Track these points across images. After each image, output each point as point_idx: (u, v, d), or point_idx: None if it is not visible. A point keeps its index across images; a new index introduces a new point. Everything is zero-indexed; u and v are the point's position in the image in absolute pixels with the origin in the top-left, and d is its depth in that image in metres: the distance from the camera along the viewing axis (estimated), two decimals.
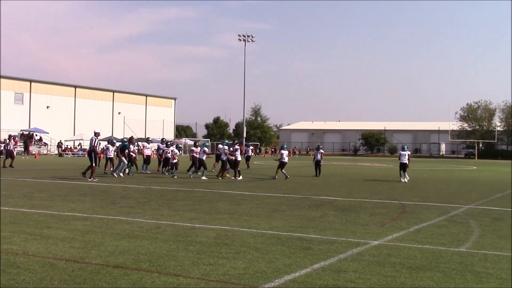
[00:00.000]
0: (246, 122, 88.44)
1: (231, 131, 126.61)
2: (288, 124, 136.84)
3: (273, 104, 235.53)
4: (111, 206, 12.49)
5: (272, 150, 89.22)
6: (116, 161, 24.85)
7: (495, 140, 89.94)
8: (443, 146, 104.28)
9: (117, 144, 25.70)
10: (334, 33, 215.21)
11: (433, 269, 6.68)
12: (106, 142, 26.31)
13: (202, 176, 23.09)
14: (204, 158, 23.64)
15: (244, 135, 76.34)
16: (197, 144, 28.79)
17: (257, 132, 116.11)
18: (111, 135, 67.00)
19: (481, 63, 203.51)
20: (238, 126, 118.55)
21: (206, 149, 23.94)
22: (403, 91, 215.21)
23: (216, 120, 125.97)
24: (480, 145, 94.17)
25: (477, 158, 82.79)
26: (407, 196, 16.70)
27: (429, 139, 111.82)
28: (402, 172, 23.76)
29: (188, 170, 24.62)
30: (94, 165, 21.25)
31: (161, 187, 18.40)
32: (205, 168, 23.57)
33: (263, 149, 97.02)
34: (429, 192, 18.44)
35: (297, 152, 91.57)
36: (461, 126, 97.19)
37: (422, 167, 42.13)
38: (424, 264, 6.95)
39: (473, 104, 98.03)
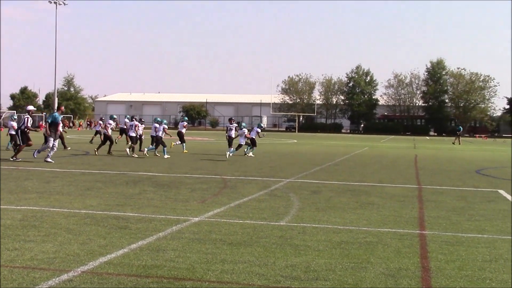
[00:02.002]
0: (57, 92, 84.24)
1: (40, 102, 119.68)
2: (104, 96, 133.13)
3: (88, 73, 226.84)
4: None
5: (87, 124, 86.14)
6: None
7: (314, 113, 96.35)
8: (264, 119, 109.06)
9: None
10: None
11: (254, 244, 7.02)
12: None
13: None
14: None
15: (56, 107, 72.71)
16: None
17: (70, 103, 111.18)
18: None
19: (302, 36, 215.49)
20: (49, 97, 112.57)
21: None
22: (225, 63, 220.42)
23: (23, 90, 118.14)
24: (301, 118, 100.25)
25: (298, 132, 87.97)
26: (229, 171, 17.25)
27: (251, 112, 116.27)
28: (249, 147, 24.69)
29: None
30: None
31: None
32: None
33: (76, 122, 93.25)
34: (250, 166, 19.23)
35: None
36: (282, 99, 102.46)
37: None
38: (245, 239, 7.28)
39: (294, 77, 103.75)
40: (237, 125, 26.14)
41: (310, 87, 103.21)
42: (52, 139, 19.13)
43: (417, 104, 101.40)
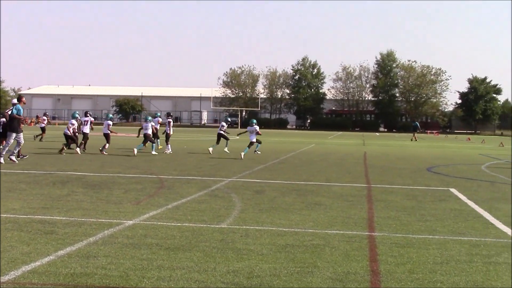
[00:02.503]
0: None
1: None
2: (29, 88, 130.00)
3: (9, 63, 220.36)
4: None
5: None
6: None
7: (258, 108, 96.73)
8: (205, 114, 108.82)
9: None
10: None
11: (193, 248, 7.00)
12: None
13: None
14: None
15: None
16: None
17: None
18: None
19: (244, 25, 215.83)
20: None
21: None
22: (162, 53, 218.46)
23: None
24: (244, 113, 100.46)
25: (240, 128, 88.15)
26: (166, 170, 17.14)
27: (190, 106, 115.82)
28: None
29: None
30: None
31: None
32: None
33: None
34: (189, 165, 19.16)
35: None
36: (224, 92, 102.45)
37: (183, 138, 43.54)
38: (183, 243, 7.25)
39: (236, 69, 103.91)
40: (225, 124, 26.74)
41: (254, 80, 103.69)
42: (20, 134, 18.51)
43: (366, 99, 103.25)
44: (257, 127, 24.75)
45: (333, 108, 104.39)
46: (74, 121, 24.70)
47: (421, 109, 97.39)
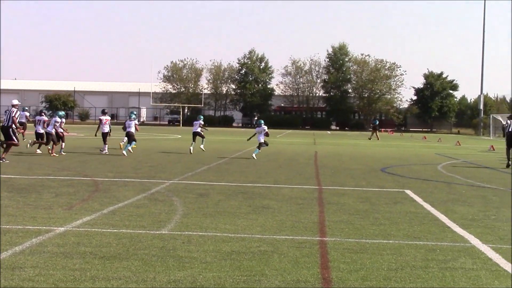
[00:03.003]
0: None
1: None
2: None
3: None
4: None
5: None
6: None
7: (202, 104, 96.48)
8: (144, 111, 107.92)
9: None
10: None
11: (131, 257, 6.93)
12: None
13: None
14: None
15: None
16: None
17: None
18: None
19: (185, 13, 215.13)
20: None
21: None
22: (96, 44, 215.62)
23: None
24: (186, 110, 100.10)
25: (182, 126, 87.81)
26: (101, 171, 16.95)
27: (127, 102, 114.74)
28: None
29: None
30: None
31: None
32: None
33: None
34: (126, 166, 18.99)
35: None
36: (164, 88, 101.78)
37: (121, 136, 42.98)
38: (120, 252, 7.17)
39: (178, 62, 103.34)
40: (202, 122, 28.03)
41: (197, 74, 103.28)
42: None
43: (317, 95, 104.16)
44: (265, 127, 25.50)
45: (282, 104, 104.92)
46: (58, 119, 24.86)
47: (374, 106, 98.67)
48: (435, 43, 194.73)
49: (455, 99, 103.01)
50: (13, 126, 21.08)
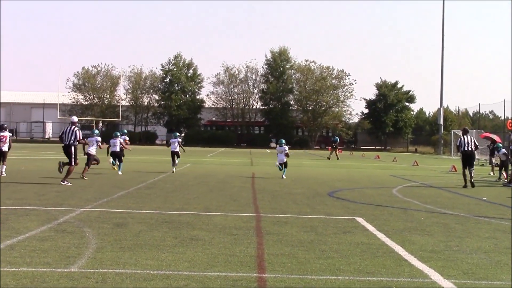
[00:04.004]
0: None
1: None
2: None
3: None
4: None
5: None
6: None
7: (119, 118, 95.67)
8: (49, 126, 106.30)
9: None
10: None
11: None
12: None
13: None
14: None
15: None
16: None
17: None
18: None
19: (100, 12, 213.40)
20: None
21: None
22: None
23: None
24: (101, 125, 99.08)
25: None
26: None
27: (30, 116, 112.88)
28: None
29: None
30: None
31: None
32: None
33: None
34: (28, 191, 18.64)
35: None
36: (75, 98, 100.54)
37: (21, 156, 42.27)
38: None
39: (91, 68, 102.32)
40: (179, 138, 31.39)
41: (113, 83, 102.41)
42: None
43: (254, 107, 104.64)
44: (287, 148, 28.85)
45: (213, 118, 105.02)
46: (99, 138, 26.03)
47: (320, 120, 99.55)
48: (388, 47, 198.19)
49: (412, 113, 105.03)
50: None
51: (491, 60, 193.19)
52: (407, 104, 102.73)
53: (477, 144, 26.62)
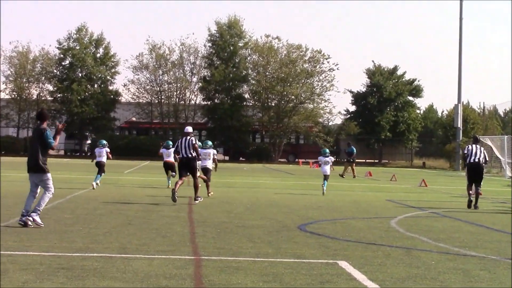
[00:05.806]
0: None
1: None
2: None
3: None
4: None
5: None
6: None
7: None
8: None
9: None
10: None
11: None
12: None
13: None
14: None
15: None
16: None
17: None
18: None
19: None
20: None
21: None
22: None
23: None
24: None
25: None
26: None
27: None
28: None
29: None
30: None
31: None
32: None
33: None
34: None
35: None
36: None
37: None
38: None
39: None
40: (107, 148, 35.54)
41: None
42: None
43: (192, 102, 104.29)
44: (332, 159, 35.47)
45: (134, 119, 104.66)
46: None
47: (287, 121, 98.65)
48: (384, 17, 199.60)
49: (418, 112, 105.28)
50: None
51: None
52: (410, 99, 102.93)
53: (487, 157, 27.27)
